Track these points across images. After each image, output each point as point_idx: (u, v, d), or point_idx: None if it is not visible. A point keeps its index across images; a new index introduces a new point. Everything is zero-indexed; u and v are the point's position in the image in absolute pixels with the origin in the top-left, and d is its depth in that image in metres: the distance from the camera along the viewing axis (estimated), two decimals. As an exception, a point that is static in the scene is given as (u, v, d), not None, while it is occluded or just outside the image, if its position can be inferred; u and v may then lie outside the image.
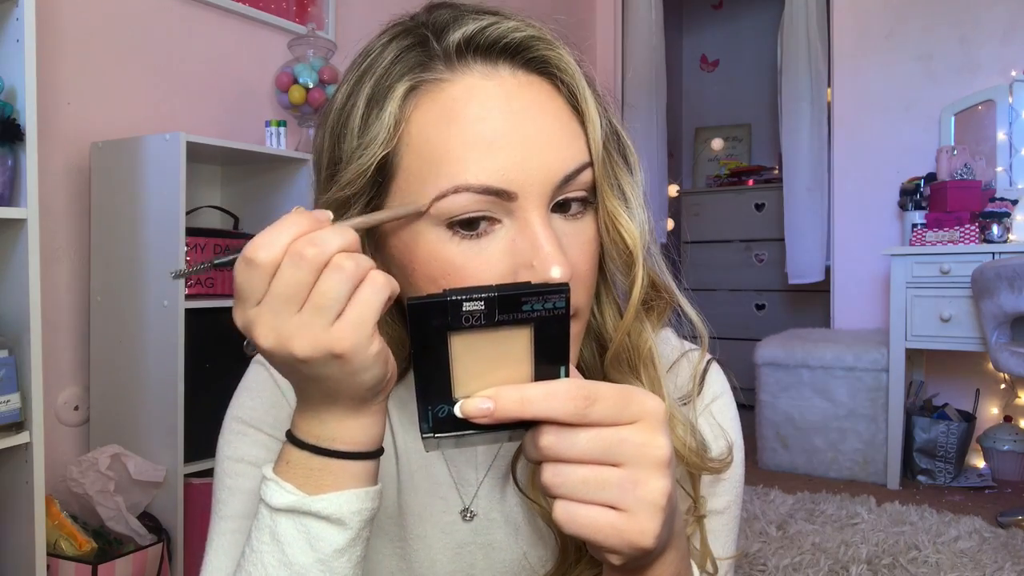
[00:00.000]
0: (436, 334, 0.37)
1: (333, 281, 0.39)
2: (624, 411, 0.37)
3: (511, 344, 0.38)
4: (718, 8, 5.01)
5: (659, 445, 0.37)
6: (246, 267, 0.40)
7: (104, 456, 1.59)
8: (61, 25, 1.78)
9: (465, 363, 0.37)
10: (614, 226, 0.52)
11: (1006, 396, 3.02)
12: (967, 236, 2.69)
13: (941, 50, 3.17)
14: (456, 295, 0.36)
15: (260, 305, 0.40)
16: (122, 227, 1.74)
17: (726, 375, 0.64)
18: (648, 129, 3.87)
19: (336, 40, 2.38)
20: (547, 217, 0.49)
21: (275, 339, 0.40)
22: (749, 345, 3.20)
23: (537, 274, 0.47)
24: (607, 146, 0.52)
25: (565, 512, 0.37)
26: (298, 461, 0.46)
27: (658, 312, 0.57)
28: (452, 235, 0.48)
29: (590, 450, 0.36)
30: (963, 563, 2.03)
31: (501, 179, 0.47)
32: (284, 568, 0.46)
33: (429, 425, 0.38)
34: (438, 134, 0.49)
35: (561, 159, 0.49)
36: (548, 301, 0.37)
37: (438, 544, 0.61)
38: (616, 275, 0.54)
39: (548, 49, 0.51)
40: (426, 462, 0.62)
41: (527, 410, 0.36)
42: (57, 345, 1.77)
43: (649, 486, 0.37)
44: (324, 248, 0.39)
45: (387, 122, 0.49)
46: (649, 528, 0.37)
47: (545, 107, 0.50)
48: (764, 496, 2.60)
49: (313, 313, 0.40)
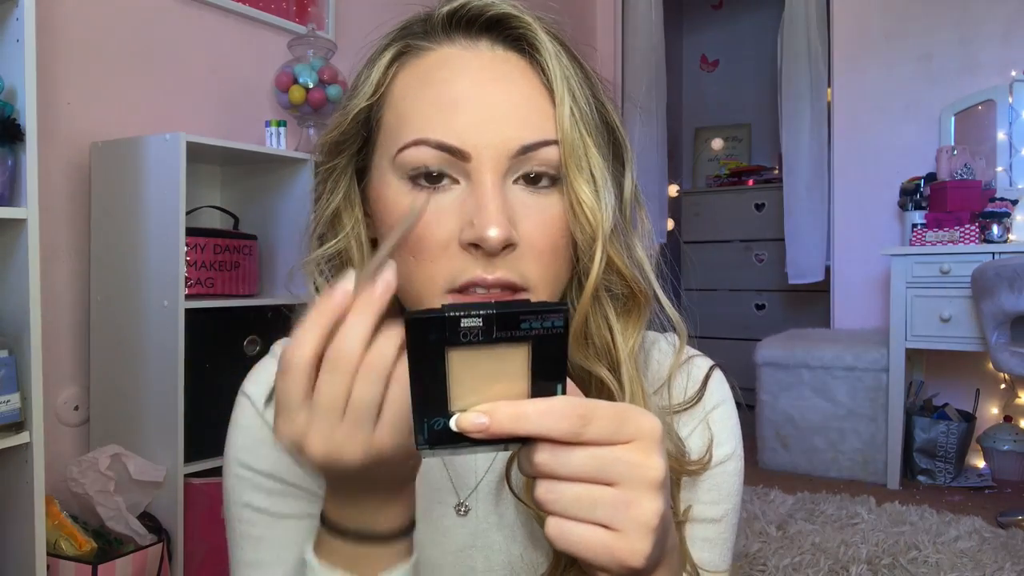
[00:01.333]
0: (433, 348, 0.36)
1: (366, 392, 0.39)
2: (620, 430, 0.37)
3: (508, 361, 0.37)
4: (718, 8, 5.01)
5: (653, 466, 0.37)
6: (282, 376, 0.40)
7: (104, 456, 1.59)
8: (61, 25, 1.78)
9: (462, 378, 0.37)
10: (578, 205, 0.53)
11: (1006, 396, 3.02)
12: (967, 236, 2.69)
13: (941, 50, 3.17)
14: (454, 311, 0.36)
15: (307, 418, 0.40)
16: (122, 227, 1.74)
17: (729, 383, 0.64)
18: (648, 129, 3.87)
19: (336, 40, 2.38)
20: (500, 183, 0.51)
21: (327, 451, 0.40)
22: (749, 345, 3.20)
23: (475, 231, 0.48)
24: (581, 129, 0.53)
25: (557, 528, 0.37)
26: (342, 548, 0.47)
27: (634, 310, 0.57)
28: (412, 188, 0.52)
29: (584, 468, 0.36)
30: (963, 563, 2.03)
31: (457, 138, 0.50)
32: None
33: (425, 437, 0.38)
34: (413, 94, 0.53)
35: (520, 129, 0.51)
36: (547, 320, 0.37)
37: (438, 547, 0.62)
38: (584, 260, 0.54)
39: (524, 27, 0.54)
40: (425, 467, 0.62)
41: (522, 427, 0.36)
42: (57, 345, 1.76)
43: (642, 507, 0.37)
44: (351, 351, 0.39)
45: (372, 80, 0.55)
46: (640, 549, 0.37)
47: (516, 80, 0.53)
48: (764, 496, 2.60)
49: (354, 424, 0.39)
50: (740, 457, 0.61)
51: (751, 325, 4.23)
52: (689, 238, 4.56)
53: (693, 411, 0.60)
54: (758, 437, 3.07)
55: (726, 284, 4.42)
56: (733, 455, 0.60)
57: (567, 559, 0.57)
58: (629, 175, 0.58)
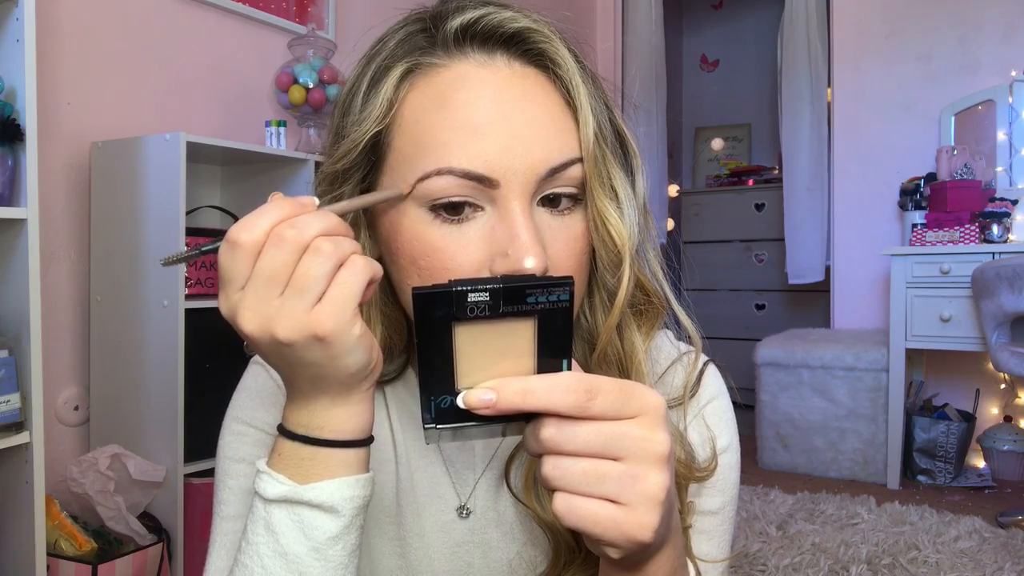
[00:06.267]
0: (440, 324, 0.37)
1: (313, 263, 0.40)
2: (625, 405, 0.37)
3: (515, 336, 0.38)
4: (718, 8, 5.01)
5: (659, 440, 0.37)
6: (229, 250, 0.41)
7: (104, 456, 1.59)
8: (61, 25, 1.78)
9: (469, 354, 0.38)
10: (603, 224, 0.52)
11: (1006, 396, 3.02)
12: (967, 236, 2.69)
13: (941, 50, 3.17)
14: (461, 286, 0.36)
15: (244, 289, 0.41)
16: (122, 227, 1.74)
17: (724, 378, 0.64)
18: (648, 129, 3.87)
19: (336, 40, 2.38)
20: (529, 208, 0.49)
21: (258, 323, 0.41)
22: (749, 345, 3.20)
23: (511, 263, 0.47)
24: (602, 143, 0.52)
25: (565, 504, 0.37)
26: (289, 452, 0.47)
27: (649, 319, 0.57)
28: (434, 218, 0.50)
29: (590, 443, 0.37)
30: (963, 563, 2.03)
31: (484, 165, 0.48)
32: (279, 558, 0.47)
33: (431, 415, 0.38)
34: (428, 117, 0.50)
35: (547, 151, 0.50)
36: (552, 294, 0.37)
37: (436, 543, 0.62)
38: (606, 276, 0.54)
39: (544, 42, 0.52)
40: (425, 462, 0.63)
41: (529, 402, 0.37)
42: (57, 345, 1.77)
43: (648, 480, 0.37)
44: (304, 231, 0.40)
45: (381, 101, 0.51)
46: (648, 522, 0.37)
47: (537, 99, 0.51)
48: (764, 496, 2.60)
49: (294, 295, 0.40)
50: (737, 450, 0.62)
51: (751, 325, 4.23)
52: (689, 238, 4.56)
53: (689, 406, 0.60)
54: (758, 437, 3.07)
55: (726, 284, 4.42)
56: (729, 447, 0.61)
57: (567, 557, 0.57)
58: (640, 182, 0.57)
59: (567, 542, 0.57)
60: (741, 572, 1.99)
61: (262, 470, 0.48)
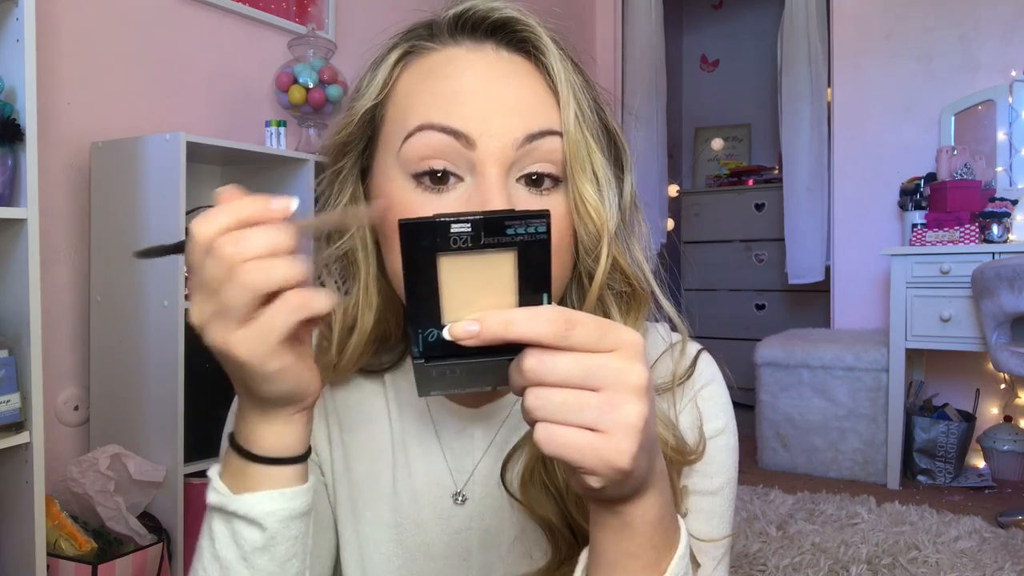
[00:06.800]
0: (425, 255, 0.38)
1: (236, 292, 0.40)
2: (603, 338, 0.38)
3: (497, 271, 0.39)
4: (718, 8, 5.01)
5: (636, 371, 0.38)
6: (189, 238, 0.42)
7: (104, 456, 1.59)
8: (61, 25, 1.78)
9: (453, 288, 0.39)
10: (583, 204, 0.54)
11: (1006, 396, 3.02)
12: (967, 236, 2.69)
13: (941, 50, 3.17)
14: (444, 217, 0.38)
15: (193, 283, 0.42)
16: (122, 227, 1.74)
17: (720, 366, 0.65)
18: (648, 129, 3.87)
19: (336, 40, 2.38)
20: (505, 178, 0.52)
21: (197, 318, 0.42)
22: (749, 345, 3.20)
23: None
24: (583, 127, 0.54)
25: (546, 433, 0.38)
26: (230, 461, 0.50)
27: (633, 307, 0.58)
28: (416, 186, 0.53)
29: (570, 373, 0.37)
30: (963, 563, 2.03)
31: (462, 123, 0.51)
32: (215, 562, 0.50)
33: (420, 349, 0.39)
34: (416, 88, 0.55)
35: (526, 120, 0.52)
36: (530, 226, 0.38)
37: (434, 529, 0.62)
38: (587, 260, 0.55)
39: (529, 30, 0.55)
40: (422, 449, 0.64)
41: (511, 331, 0.37)
42: (57, 345, 1.76)
43: (626, 408, 0.37)
44: (245, 250, 0.40)
45: (378, 80, 0.56)
46: (626, 448, 0.37)
47: (521, 79, 0.54)
48: (764, 496, 2.60)
49: (220, 312, 0.41)
50: (733, 433, 0.62)
51: (751, 325, 4.23)
52: (689, 238, 4.56)
53: (683, 390, 0.61)
54: (758, 437, 3.07)
55: (726, 284, 4.42)
56: (725, 430, 0.61)
57: (566, 551, 0.57)
58: (628, 180, 0.59)
59: (564, 537, 0.57)
60: (741, 572, 1.99)
61: (211, 476, 0.50)
